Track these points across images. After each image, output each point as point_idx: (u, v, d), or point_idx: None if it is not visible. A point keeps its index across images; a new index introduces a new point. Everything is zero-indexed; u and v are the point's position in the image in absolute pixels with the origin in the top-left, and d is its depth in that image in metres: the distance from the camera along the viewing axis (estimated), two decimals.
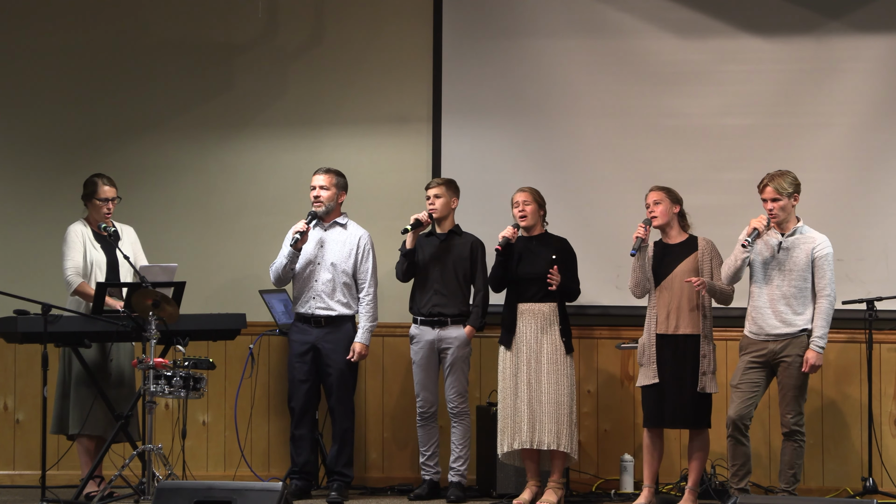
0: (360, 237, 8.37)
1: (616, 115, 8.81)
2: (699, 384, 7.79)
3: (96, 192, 8.18)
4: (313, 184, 8.33)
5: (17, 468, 8.96)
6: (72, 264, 8.09)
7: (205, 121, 9.10)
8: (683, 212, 7.99)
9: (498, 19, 8.91)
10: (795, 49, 8.68)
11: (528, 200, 8.08)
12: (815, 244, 7.67)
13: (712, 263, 7.90)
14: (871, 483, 8.15)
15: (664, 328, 7.86)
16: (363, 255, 8.34)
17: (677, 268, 7.88)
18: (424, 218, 8.29)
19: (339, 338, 8.28)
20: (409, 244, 8.30)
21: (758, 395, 7.70)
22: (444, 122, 8.93)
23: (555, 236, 8.15)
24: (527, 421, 7.93)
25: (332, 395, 8.30)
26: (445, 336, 8.28)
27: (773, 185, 7.64)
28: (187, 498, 6.29)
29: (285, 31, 9.12)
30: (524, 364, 7.98)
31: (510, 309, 8.08)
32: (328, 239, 8.34)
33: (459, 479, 8.31)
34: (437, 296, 8.31)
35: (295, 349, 8.31)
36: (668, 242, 7.97)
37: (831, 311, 7.65)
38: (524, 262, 8.05)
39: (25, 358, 8.81)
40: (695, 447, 7.90)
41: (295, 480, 8.33)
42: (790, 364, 7.63)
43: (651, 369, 7.86)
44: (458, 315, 8.30)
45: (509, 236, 8.03)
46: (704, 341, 7.84)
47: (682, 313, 7.85)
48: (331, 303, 8.29)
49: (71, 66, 9.11)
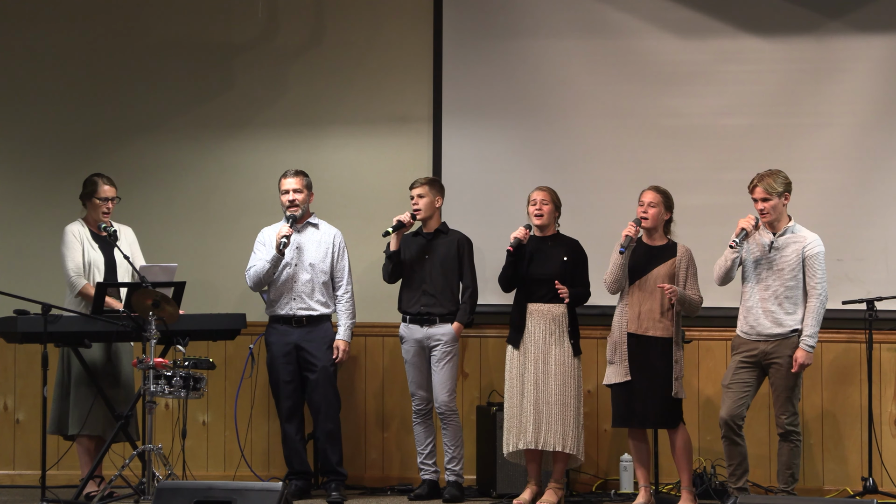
0: (335, 235, 8.42)
1: (616, 115, 8.81)
2: (673, 389, 7.80)
3: (96, 191, 8.18)
4: (286, 187, 8.35)
5: (17, 468, 8.96)
6: (73, 265, 8.09)
7: (205, 121, 9.10)
8: (671, 218, 7.99)
9: (498, 19, 8.91)
10: (795, 49, 8.68)
11: (546, 200, 8.07)
12: (805, 243, 7.67)
13: (688, 271, 7.90)
14: (871, 483, 8.15)
15: (635, 327, 7.86)
16: (339, 254, 8.39)
17: (654, 270, 7.89)
18: (406, 219, 8.29)
19: (321, 336, 8.33)
20: (393, 246, 8.30)
21: (749, 394, 7.70)
22: (444, 122, 8.93)
23: (567, 237, 8.13)
24: (532, 421, 7.91)
25: (316, 392, 8.30)
26: (433, 333, 8.27)
27: (763, 185, 7.65)
28: (187, 498, 6.29)
29: (285, 31, 9.12)
30: (532, 364, 7.97)
31: (519, 309, 8.06)
32: (304, 240, 8.36)
33: (456, 479, 8.31)
34: (425, 296, 8.30)
35: (277, 351, 8.33)
36: (649, 244, 7.97)
37: (822, 310, 7.65)
38: (536, 263, 8.03)
39: (25, 358, 8.81)
40: (676, 445, 7.89)
41: (294, 480, 8.34)
42: (781, 365, 7.63)
43: (623, 367, 7.86)
44: (446, 314, 8.30)
45: (521, 237, 8.01)
46: (676, 346, 7.84)
47: (654, 316, 7.85)
48: (311, 303, 8.32)
49: (71, 66, 9.11)
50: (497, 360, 8.70)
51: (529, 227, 8.07)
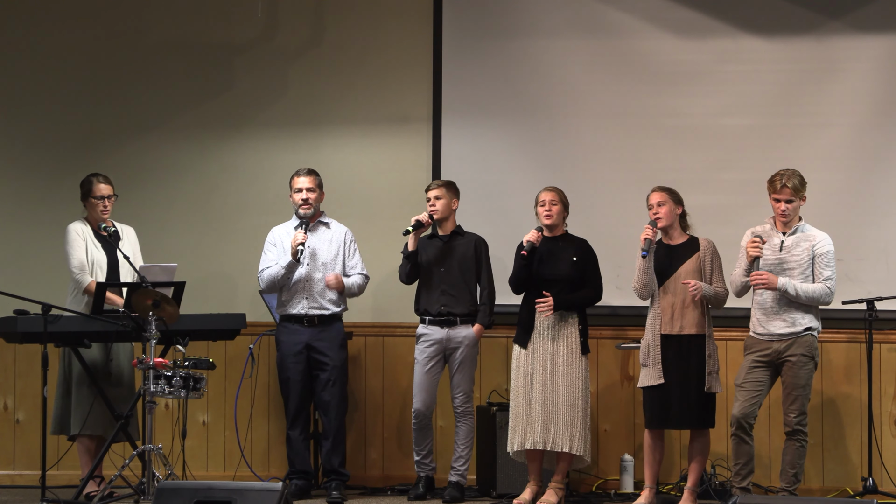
0: (346, 233, 8.43)
1: (616, 115, 8.81)
2: (706, 384, 7.79)
3: (92, 190, 8.17)
4: (299, 186, 8.32)
5: (17, 468, 8.96)
6: (77, 262, 8.09)
7: (205, 121, 9.10)
8: (685, 212, 7.99)
9: (498, 19, 8.91)
10: (795, 49, 8.69)
11: (556, 200, 8.05)
12: (815, 241, 7.68)
13: (713, 264, 7.90)
14: (871, 483, 8.15)
15: (669, 329, 7.85)
16: (350, 251, 8.38)
17: (680, 268, 7.88)
18: (425, 219, 8.28)
19: (333, 335, 8.32)
20: (410, 246, 8.29)
21: (762, 394, 7.70)
22: (444, 122, 8.93)
23: (576, 237, 8.12)
24: (541, 422, 7.90)
25: (326, 391, 8.30)
26: (454, 335, 8.27)
27: (791, 185, 7.63)
28: (187, 498, 6.28)
29: (285, 31, 9.12)
30: (539, 364, 7.96)
31: (528, 308, 8.05)
32: (315, 240, 8.35)
33: (458, 479, 8.30)
34: (444, 296, 8.29)
35: (287, 349, 8.32)
36: (671, 243, 7.96)
37: (821, 296, 7.61)
38: (546, 264, 8.02)
39: (25, 358, 8.81)
40: (696, 448, 7.90)
41: (295, 481, 8.33)
42: (794, 363, 7.63)
43: (656, 369, 7.84)
44: (466, 314, 8.30)
45: (534, 241, 7.99)
46: (709, 341, 7.84)
47: (687, 313, 7.84)
48: (323, 302, 8.31)
49: (71, 66, 9.11)
50: (497, 361, 8.70)
51: (540, 228, 8.06)
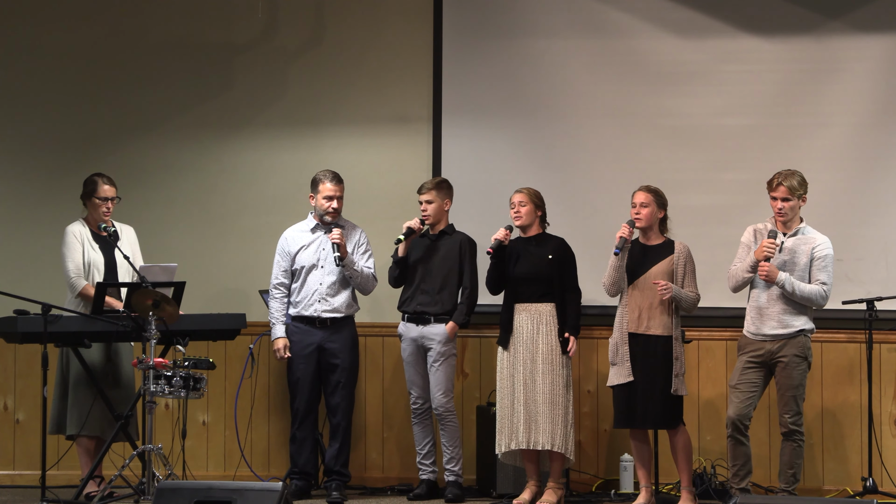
0: (360, 233, 8.42)
1: (616, 115, 8.81)
2: (672, 386, 7.80)
3: (96, 190, 8.18)
4: (329, 193, 8.25)
5: (17, 468, 8.96)
6: (73, 266, 8.09)
7: (205, 121, 9.10)
8: (666, 216, 7.99)
9: (498, 19, 8.91)
10: (795, 49, 8.68)
11: (525, 201, 8.08)
12: (815, 244, 7.68)
13: (686, 268, 7.90)
14: (871, 483, 8.15)
15: (635, 327, 7.87)
16: (361, 249, 8.37)
17: (652, 269, 7.89)
18: (416, 225, 8.28)
19: (345, 336, 8.32)
20: (401, 252, 8.30)
21: (756, 394, 7.71)
22: (444, 122, 8.93)
23: (553, 237, 8.14)
24: (523, 421, 7.92)
25: (336, 392, 8.30)
26: (427, 333, 8.27)
27: (787, 185, 7.64)
28: (187, 498, 6.29)
29: (285, 31, 9.12)
30: (521, 364, 7.98)
31: (507, 309, 8.08)
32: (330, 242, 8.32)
33: (455, 479, 8.31)
34: (422, 294, 8.31)
35: (298, 350, 8.31)
36: (647, 244, 7.98)
37: (815, 296, 7.61)
38: (521, 263, 8.05)
39: (25, 358, 8.81)
40: (676, 445, 7.89)
41: (295, 480, 8.34)
42: (787, 364, 7.64)
43: (625, 367, 7.86)
44: (441, 313, 8.29)
45: (501, 238, 8.02)
46: (676, 343, 7.85)
47: (655, 314, 7.85)
48: (336, 304, 8.30)
49: (71, 66, 9.11)
50: (496, 361, 8.70)
51: (511, 227, 8.08)
